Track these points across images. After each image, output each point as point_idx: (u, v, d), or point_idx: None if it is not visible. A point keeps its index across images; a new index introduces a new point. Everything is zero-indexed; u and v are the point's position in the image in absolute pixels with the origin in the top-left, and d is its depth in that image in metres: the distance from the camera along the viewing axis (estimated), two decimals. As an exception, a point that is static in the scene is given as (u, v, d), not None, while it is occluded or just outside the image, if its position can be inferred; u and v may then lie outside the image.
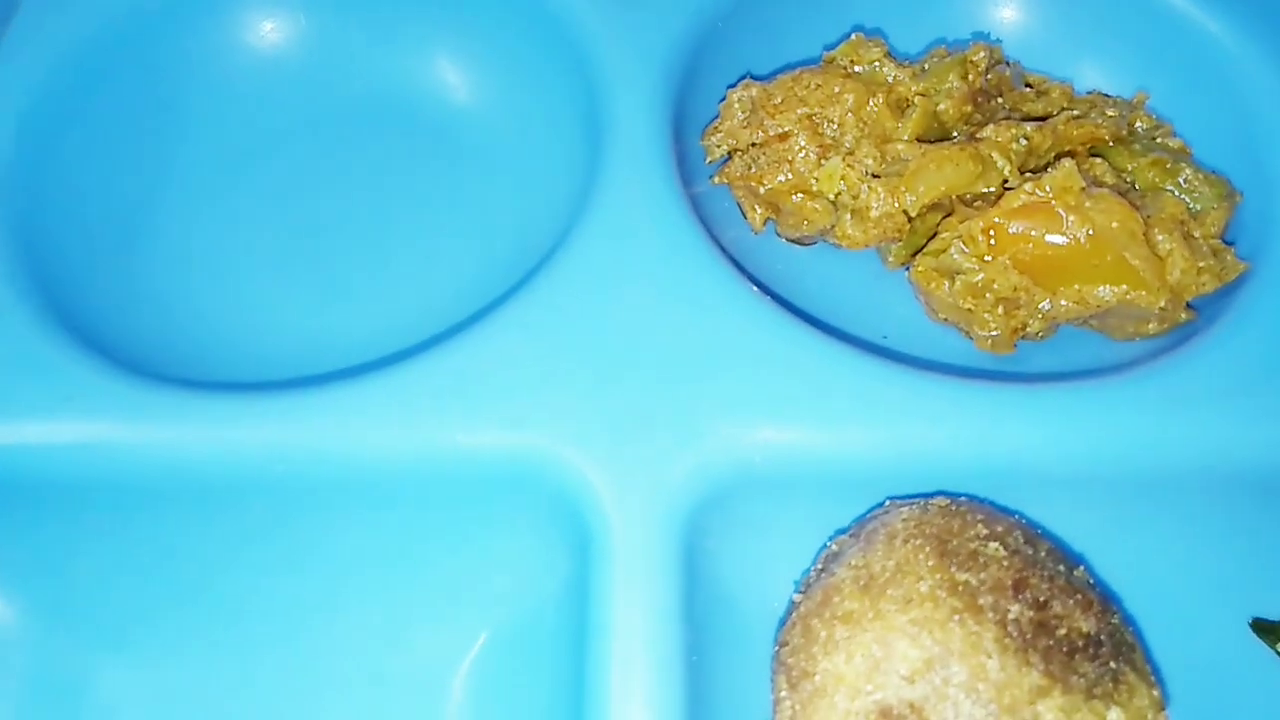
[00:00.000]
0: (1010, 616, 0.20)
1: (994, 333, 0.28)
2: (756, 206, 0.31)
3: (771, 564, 0.25)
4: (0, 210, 0.28)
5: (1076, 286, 0.27)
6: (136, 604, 0.25)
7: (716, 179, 0.31)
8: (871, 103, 0.29)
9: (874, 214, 0.29)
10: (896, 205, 0.29)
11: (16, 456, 0.25)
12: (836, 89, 0.30)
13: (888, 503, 0.25)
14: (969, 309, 0.28)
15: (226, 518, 0.25)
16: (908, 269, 0.30)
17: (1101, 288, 0.27)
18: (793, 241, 0.32)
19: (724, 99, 0.31)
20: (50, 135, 0.30)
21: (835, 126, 0.30)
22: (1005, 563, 0.21)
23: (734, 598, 0.25)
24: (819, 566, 0.23)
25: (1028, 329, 0.29)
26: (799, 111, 0.30)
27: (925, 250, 0.29)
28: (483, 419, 0.24)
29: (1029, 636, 0.20)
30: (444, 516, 0.25)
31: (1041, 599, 0.21)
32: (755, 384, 0.25)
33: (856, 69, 0.30)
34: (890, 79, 0.30)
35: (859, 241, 0.29)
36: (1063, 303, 0.28)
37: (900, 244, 0.30)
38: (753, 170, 0.30)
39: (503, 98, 0.32)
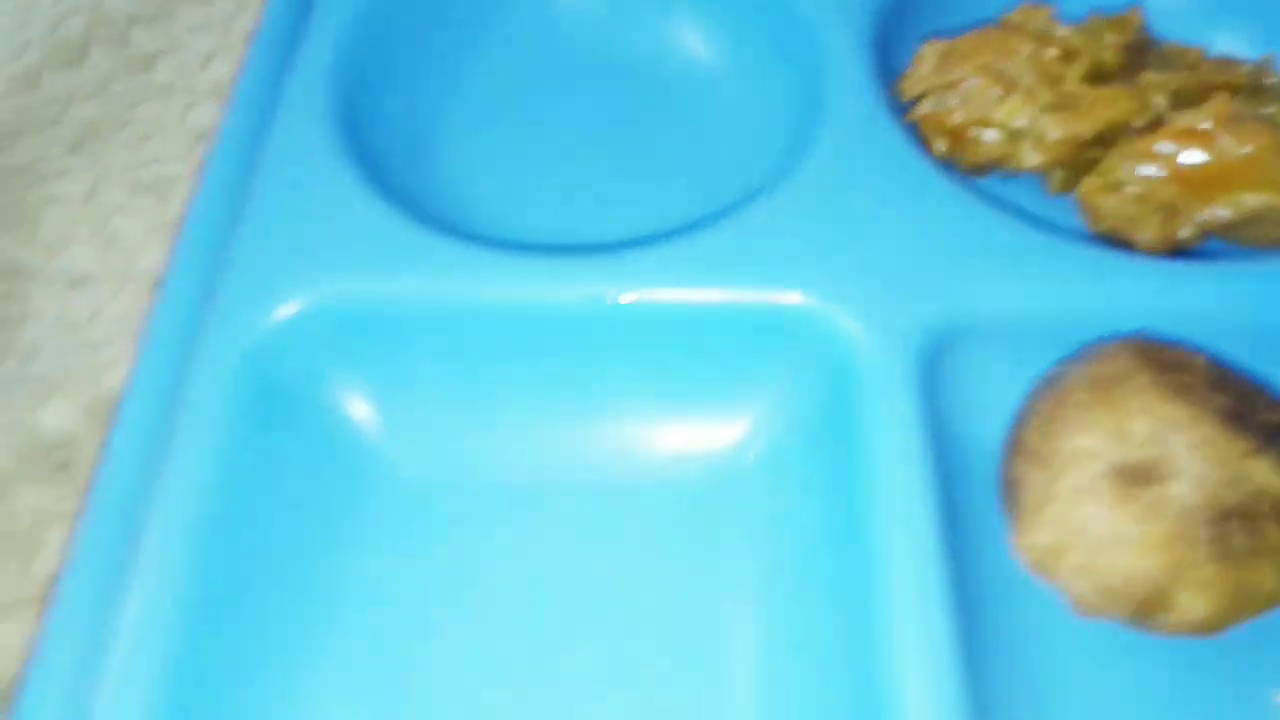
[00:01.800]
0: (1218, 404, 0.25)
1: (1152, 237, 0.34)
2: (941, 140, 0.37)
3: (985, 405, 0.30)
4: (331, 98, 0.34)
5: (1228, 195, 0.33)
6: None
7: (908, 117, 0.37)
8: (1044, 53, 0.35)
9: (1051, 139, 0.35)
10: (1070, 132, 0.35)
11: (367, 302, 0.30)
12: (1014, 42, 0.36)
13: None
14: (1132, 215, 0.34)
15: (540, 365, 0.31)
16: (1071, 192, 0.36)
17: (1250, 195, 0.33)
18: (969, 170, 0.38)
19: (915, 53, 0.37)
20: (376, 38, 0.36)
21: (1013, 71, 0.36)
22: (1208, 369, 0.26)
23: (958, 430, 0.30)
24: (1041, 385, 0.28)
25: (1180, 235, 0.34)
26: (982, 59, 0.36)
27: (1096, 171, 0.35)
28: (764, 277, 0.30)
29: (1236, 417, 0.25)
30: (723, 358, 0.31)
31: (1242, 394, 0.26)
32: (976, 253, 0.30)
33: (1028, 29, 0.37)
34: (1058, 35, 0.36)
35: (1037, 164, 0.35)
36: (1215, 210, 0.33)
37: (1064, 170, 0.36)
38: (940, 108, 0.37)
39: (732, 58, 0.39)
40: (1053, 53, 0.36)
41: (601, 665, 0.27)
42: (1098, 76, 0.37)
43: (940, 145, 0.37)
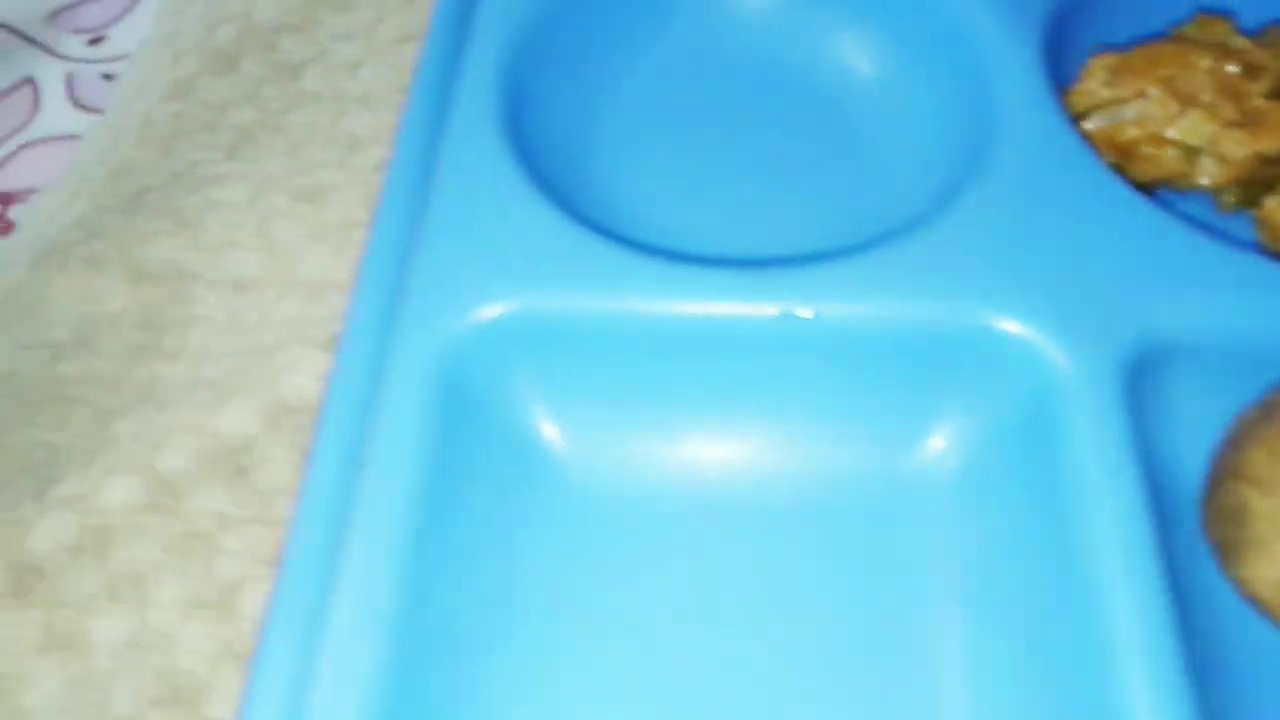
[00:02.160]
0: None
1: (1341, 258, 0.33)
2: (1109, 155, 0.36)
3: (1183, 428, 0.30)
4: (499, 105, 0.34)
5: None
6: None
7: (1079, 131, 0.36)
8: (1225, 67, 0.35)
9: (1234, 157, 0.34)
10: (1256, 150, 0.34)
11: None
12: (1192, 56, 0.35)
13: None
14: (1319, 237, 0.33)
15: (722, 380, 0.30)
16: (1244, 210, 0.35)
17: None
18: (1136, 186, 0.37)
19: (1084, 65, 0.37)
20: (539, 46, 0.36)
21: (1192, 86, 0.35)
22: None
23: (1158, 454, 0.29)
24: (1259, 409, 0.28)
25: (1370, 256, 0.33)
26: (1158, 73, 0.35)
27: (1276, 191, 0.34)
28: (954, 294, 0.29)
29: None
30: (911, 377, 0.30)
31: None
32: (1174, 272, 0.30)
33: (1206, 41, 0.36)
34: (1239, 48, 0.35)
35: (1213, 182, 0.34)
36: None
37: (1236, 189, 0.35)
38: (1112, 123, 0.36)
39: (896, 70, 0.38)
40: (1234, 68, 0.35)
41: (800, 688, 0.27)
42: None
43: (1108, 160, 0.37)
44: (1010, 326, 0.29)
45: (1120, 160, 0.37)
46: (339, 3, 0.44)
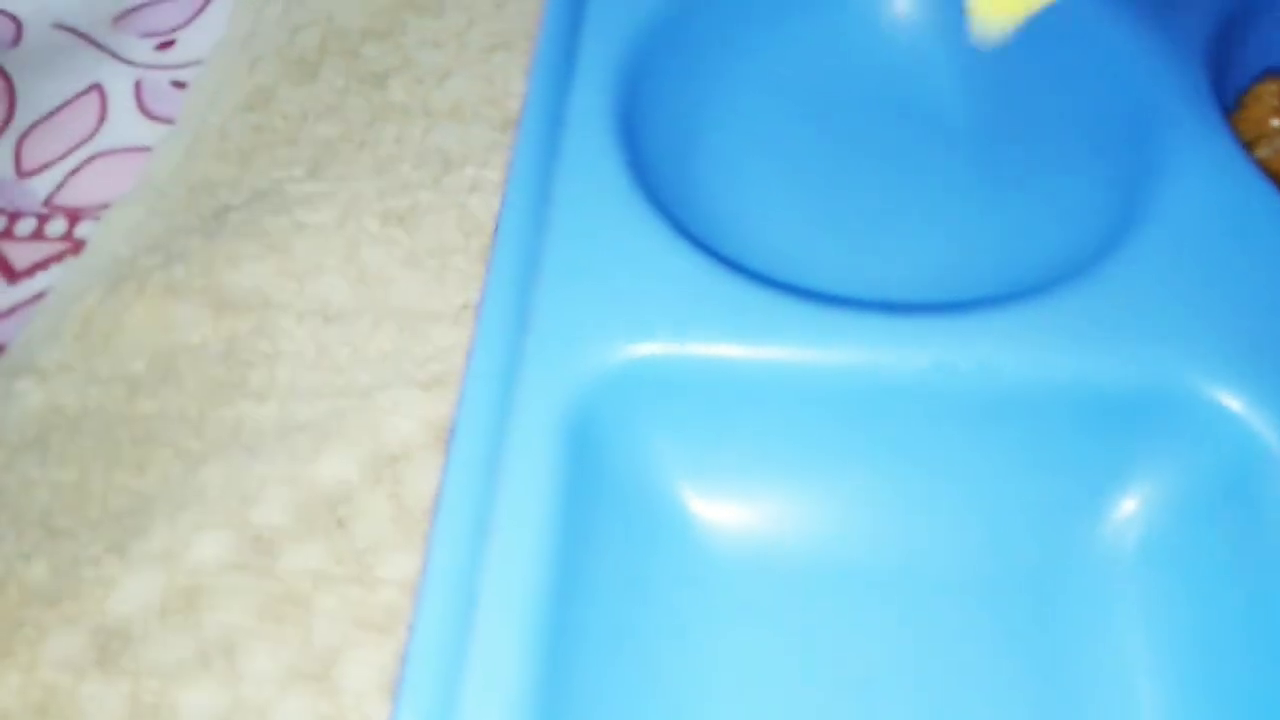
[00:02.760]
0: None
1: None
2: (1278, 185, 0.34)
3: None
4: (613, 127, 0.31)
5: None
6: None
7: (1243, 162, 0.34)
8: None
9: None
10: None
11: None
12: (1375, 82, 0.33)
13: None
14: None
15: (870, 437, 0.28)
16: None
17: None
18: (1297, 226, 0.34)
19: (1246, 90, 0.34)
20: (651, 63, 0.34)
21: (1374, 116, 0.32)
22: None
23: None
24: None
25: None
26: (1338, 102, 0.33)
27: None
28: (1134, 348, 0.27)
29: None
30: (1082, 437, 0.27)
31: None
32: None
33: (1386, 67, 0.33)
34: None
35: (1401, 222, 0.32)
36: None
37: None
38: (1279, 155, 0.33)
39: (1045, 98, 0.35)
40: None
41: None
42: None
43: (1275, 194, 0.34)
44: (1212, 392, 0.26)
45: (1287, 195, 0.34)
46: (426, 6, 0.41)
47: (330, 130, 0.38)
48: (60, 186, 0.38)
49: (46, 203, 0.37)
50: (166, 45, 0.41)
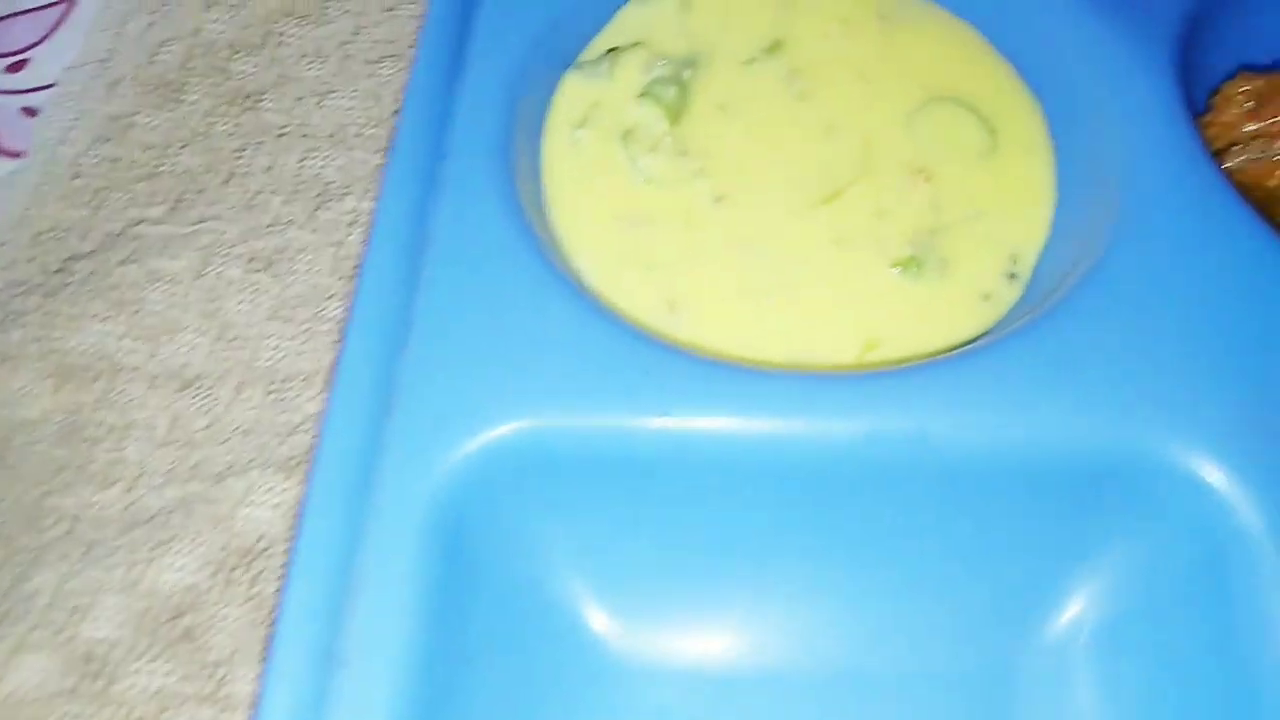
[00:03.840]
0: None
1: None
2: (1251, 201, 0.30)
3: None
4: (504, 144, 0.28)
5: None
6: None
7: (1214, 172, 0.30)
8: (1401, 93, 0.28)
9: None
10: None
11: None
12: (1357, 79, 0.29)
13: None
14: None
15: (783, 517, 0.24)
16: None
17: None
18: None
19: (1216, 91, 0.30)
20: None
21: (1358, 118, 0.29)
22: None
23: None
24: None
25: None
26: (1316, 102, 0.29)
27: None
28: (1088, 408, 0.23)
29: None
30: (1030, 513, 0.24)
31: None
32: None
33: (1373, 60, 0.29)
34: None
35: (1391, 237, 0.28)
36: None
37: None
38: (1256, 163, 0.29)
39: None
40: None
41: None
42: None
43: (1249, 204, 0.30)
44: (1186, 462, 0.22)
45: (1264, 207, 0.30)
46: (306, 12, 0.37)
47: (195, 161, 0.33)
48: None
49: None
50: (17, 66, 0.37)
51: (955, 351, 0.26)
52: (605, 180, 0.29)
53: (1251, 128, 0.29)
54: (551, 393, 0.24)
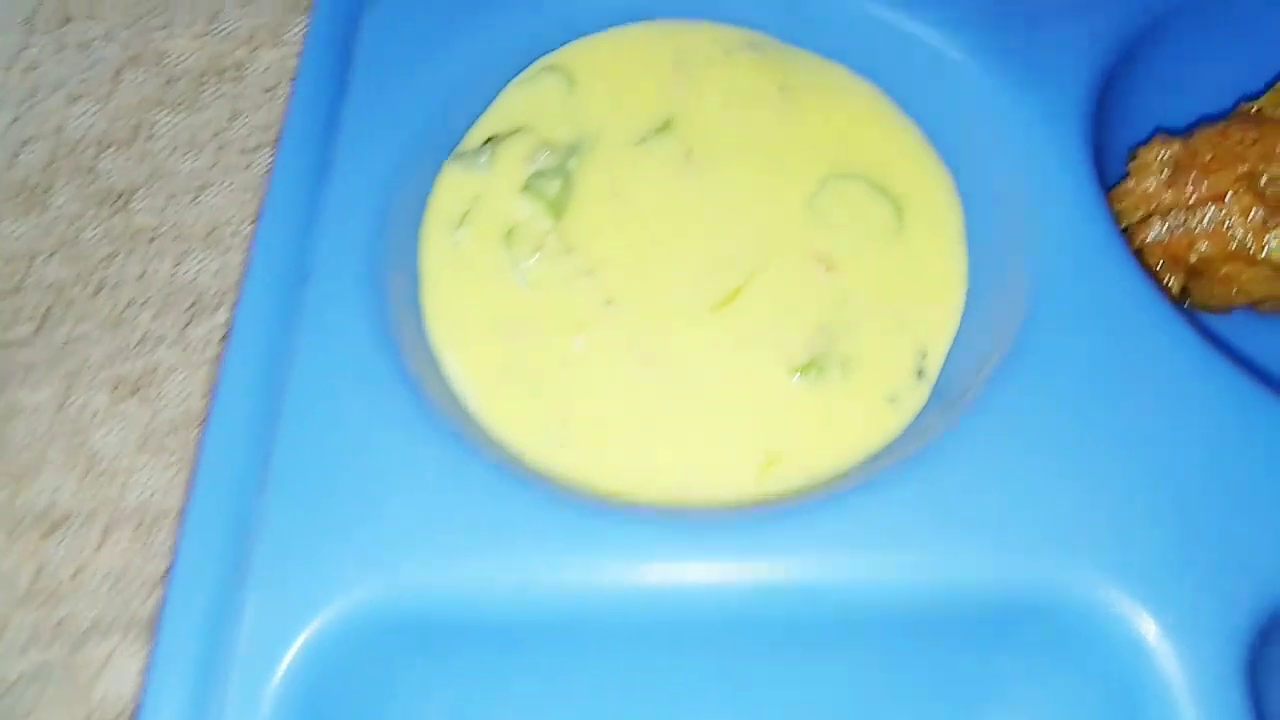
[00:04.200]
0: None
1: None
2: (1175, 276, 0.28)
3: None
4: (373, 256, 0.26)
5: None
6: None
7: (1134, 244, 0.28)
8: (1326, 157, 0.27)
9: (1346, 282, 0.26)
10: (1371, 272, 0.26)
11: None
12: (1278, 140, 0.27)
13: None
14: None
15: (689, 656, 0.23)
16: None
17: None
18: (1204, 309, 0.29)
19: (1131, 157, 0.29)
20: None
21: (1281, 185, 0.27)
22: None
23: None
24: None
25: None
26: (1239, 169, 0.27)
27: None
28: (978, 542, 0.21)
29: None
30: (921, 650, 0.22)
31: None
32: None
33: (1295, 120, 0.28)
34: (1342, 130, 0.27)
35: (1322, 313, 0.27)
36: None
37: (1341, 312, 0.27)
38: (1177, 235, 0.28)
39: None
40: (1338, 158, 0.27)
41: None
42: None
43: (1172, 282, 0.29)
44: (1089, 592, 0.21)
45: (1189, 282, 0.28)
46: (179, 99, 0.35)
47: (61, 272, 0.31)
48: None
49: None
50: (-127, 171, 0.35)
51: (856, 471, 0.24)
52: (487, 286, 0.28)
53: (1168, 197, 0.27)
54: (413, 550, 0.22)
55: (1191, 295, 0.28)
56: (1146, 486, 0.22)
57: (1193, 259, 0.27)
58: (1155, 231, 0.28)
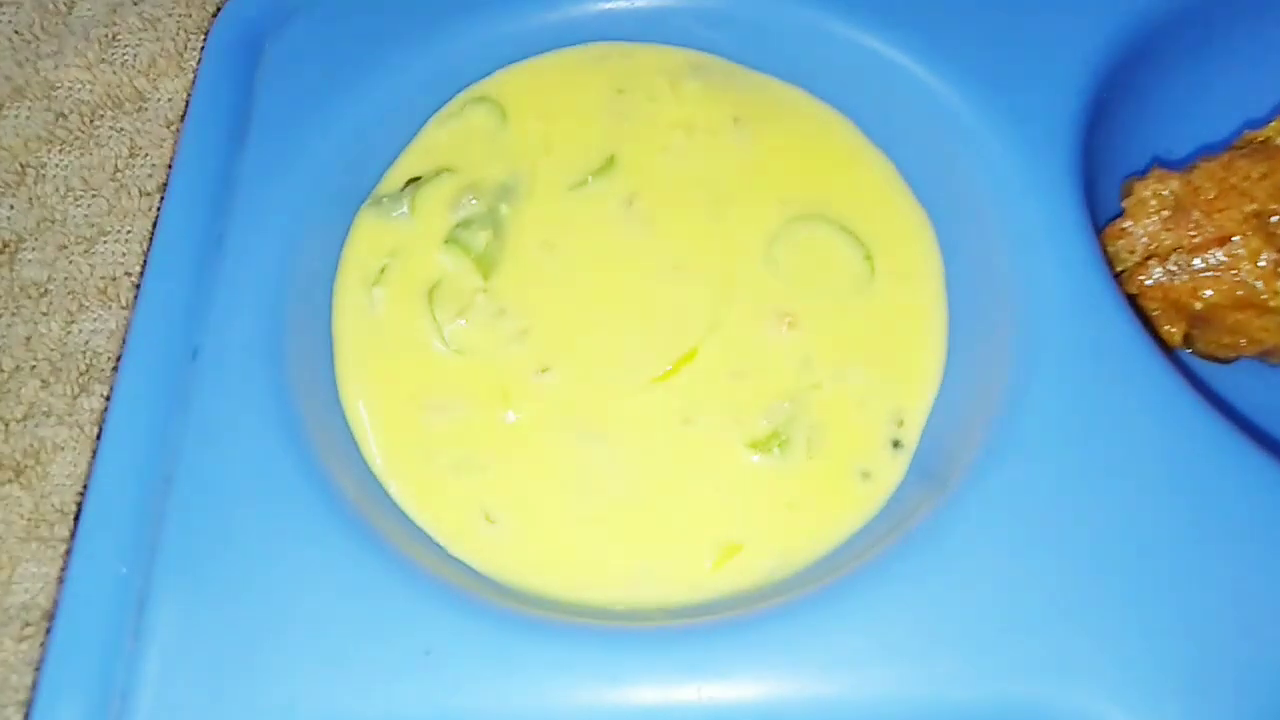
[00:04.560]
0: None
1: None
2: (1175, 325, 0.25)
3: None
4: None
5: None
6: None
7: (1128, 289, 0.25)
8: (1343, 193, 0.24)
9: (1367, 331, 0.23)
10: (1395, 322, 0.23)
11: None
12: (1289, 175, 0.24)
13: None
14: None
15: None
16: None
17: None
18: (1207, 358, 0.26)
19: (1128, 193, 0.26)
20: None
21: (1293, 223, 0.24)
22: None
23: None
24: None
25: None
26: (1246, 208, 0.24)
27: None
28: (961, 658, 0.19)
29: None
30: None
31: None
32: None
33: (1305, 150, 0.25)
34: (1357, 160, 0.24)
35: (1340, 368, 0.24)
36: None
37: (1357, 362, 0.25)
38: (1180, 280, 0.25)
39: None
40: (1356, 193, 0.24)
41: None
42: None
43: (1172, 331, 0.26)
44: (1050, 698, 0.18)
45: (1192, 328, 0.26)
46: (69, 137, 0.31)
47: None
48: None
49: None
50: None
51: (825, 561, 0.21)
52: (407, 353, 0.24)
53: (1168, 239, 0.25)
54: (303, 684, 0.19)
55: (1195, 343, 0.26)
56: (1148, 586, 0.19)
57: (1197, 306, 0.24)
58: (1154, 276, 0.25)
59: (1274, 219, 0.24)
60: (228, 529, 0.21)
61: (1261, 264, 0.23)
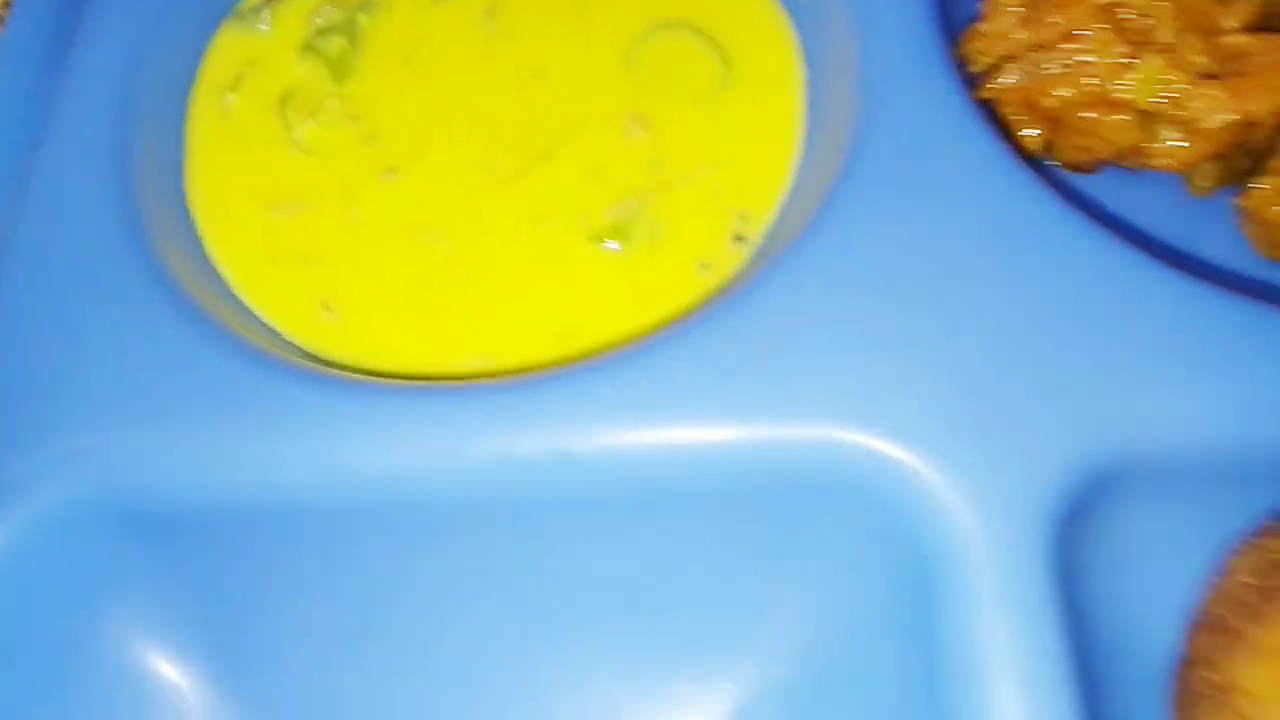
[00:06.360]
0: None
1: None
2: (1031, 126, 0.25)
3: (1158, 573, 0.20)
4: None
5: None
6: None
7: (984, 93, 0.25)
8: (1191, -14, 0.24)
9: (1210, 125, 0.23)
10: (1238, 113, 0.23)
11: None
12: (1140, -28, 0.24)
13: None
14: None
15: (457, 539, 0.20)
16: (1223, 195, 0.24)
17: None
18: (1069, 167, 0.26)
19: (985, -2, 0.26)
20: None
21: (1143, 18, 0.24)
22: None
23: (1114, 622, 0.19)
24: (1258, 552, 0.18)
25: None
26: (1091, 4, 0.24)
27: (1270, 169, 0.23)
28: (789, 405, 0.19)
29: None
30: (712, 530, 0.20)
31: None
32: (1131, 345, 0.19)
33: (1160, -54, 0.25)
34: (1206, -45, 0.24)
35: (1185, 160, 0.23)
36: None
37: (1212, 167, 0.25)
38: (1033, 80, 0.25)
39: None
40: (1202, -14, 0.24)
41: None
42: (1271, 16, 0.25)
43: (1030, 134, 0.26)
44: (873, 446, 0.18)
45: (1048, 132, 0.25)
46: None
47: None
48: None
49: None
50: None
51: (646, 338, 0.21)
52: (256, 155, 0.24)
53: (1024, 37, 0.24)
54: (131, 435, 0.19)
55: (1055, 150, 0.25)
56: (960, 341, 0.19)
57: (1050, 105, 0.24)
58: (1009, 77, 0.25)
59: (1122, 12, 0.24)
60: (57, 305, 0.21)
61: (1110, 59, 0.23)
